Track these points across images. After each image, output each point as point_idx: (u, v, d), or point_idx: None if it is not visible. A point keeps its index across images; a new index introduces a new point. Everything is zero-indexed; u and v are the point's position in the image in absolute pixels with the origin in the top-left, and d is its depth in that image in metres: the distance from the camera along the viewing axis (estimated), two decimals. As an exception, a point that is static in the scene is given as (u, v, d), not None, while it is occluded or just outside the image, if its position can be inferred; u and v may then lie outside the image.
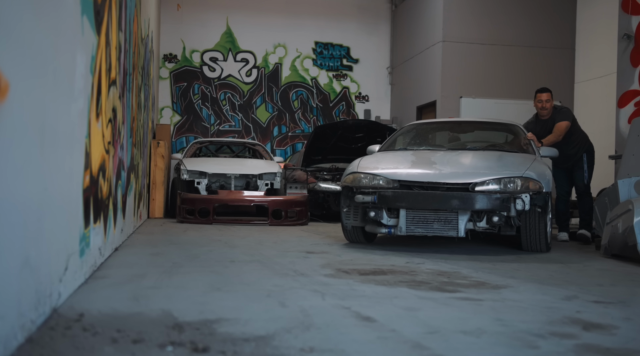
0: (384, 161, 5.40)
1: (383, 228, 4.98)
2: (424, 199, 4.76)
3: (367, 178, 5.05)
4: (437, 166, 5.12)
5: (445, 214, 4.79)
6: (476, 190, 4.77)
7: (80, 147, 2.82)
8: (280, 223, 7.71)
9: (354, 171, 5.22)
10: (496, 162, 5.23)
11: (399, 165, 5.25)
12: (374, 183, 5.00)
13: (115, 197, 4.18)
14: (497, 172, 4.93)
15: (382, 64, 13.33)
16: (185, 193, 8.00)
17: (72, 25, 2.57)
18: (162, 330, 2.08)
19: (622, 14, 7.54)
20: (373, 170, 5.13)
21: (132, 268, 3.56)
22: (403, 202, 4.81)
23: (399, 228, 4.86)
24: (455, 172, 5.00)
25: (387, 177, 4.99)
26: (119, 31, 4.22)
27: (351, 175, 5.19)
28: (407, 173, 5.05)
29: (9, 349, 1.72)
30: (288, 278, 3.34)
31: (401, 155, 5.64)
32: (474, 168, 5.08)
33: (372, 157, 5.64)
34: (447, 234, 4.79)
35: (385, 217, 4.96)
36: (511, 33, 11.01)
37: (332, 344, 1.97)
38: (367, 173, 5.09)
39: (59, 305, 2.40)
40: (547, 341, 2.10)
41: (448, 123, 7.07)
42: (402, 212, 4.86)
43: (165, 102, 12.39)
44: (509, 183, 4.81)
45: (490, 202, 4.71)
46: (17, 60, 1.79)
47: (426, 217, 4.82)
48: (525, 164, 5.11)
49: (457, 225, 4.78)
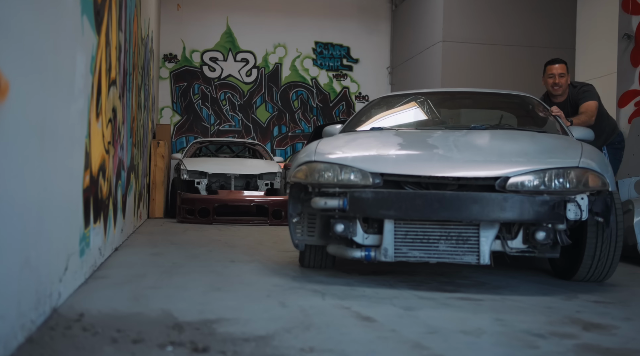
0: (354, 145, 3.60)
1: (356, 250, 3.15)
2: (425, 204, 2.99)
3: (331, 170, 3.21)
4: (439, 151, 3.38)
5: (458, 228, 3.04)
6: (508, 189, 3.02)
7: (80, 147, 2.82)
8: (280, 223, 7.71)
9: (309, 160, 3.34)
10: (531, 144, 3.50)
11: (380, 149, 3.45)
12: (343, 178, 3.18)
13: (115, 197, 4.18)
14: (537, 160, 3.18)
15: (382, 64, 13.33)
16: (185, 193, 8.00)
17: (72, 25, 2.57)
18: (162, 330, 2.08)
19: (622, 14, 7.55)
20: (339, 157, 3.31)
21: (132, 268, 3.56)
22: (391, 208, 3.02)
23: (382, 250, 3.05)
24: (472, 160, 3.25)
25: (363, 168, 3.17)
26: (119, 31, 4.22)
27: (305, 167, 3.32)
28: (394, 162, 3.28)
29: (9, 349, 1.72)
30: (288, 278, 3.34)
31: (380, 136, 3.81)
32: (499, 154, 3.36)
33: (335, 139, 3.79)
34: (461, 260, 3.01)
35: (360, 233, 3.15)
36: (511, 33, 11.01)
37: (332, 344, 1.97)
38: (331, 162, 3.25)
39: (59, 305, 2.40)
40: (547, 341, 2.10)
41: (436, 94, 5.14)
42: (388, 225, 3.05)
43: (165, 102, 12.39)
44: (558, 178, 3.06)
45: (534, 208, 2.97)
46: (17, 60, 1.79)
47: (427, 234, 3.06)
48: (574, 148, 3.35)
49: (477, 245, 3.01)
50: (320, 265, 3.77)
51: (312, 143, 3.72)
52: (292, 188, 3.48)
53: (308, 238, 3.47)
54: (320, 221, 3.40)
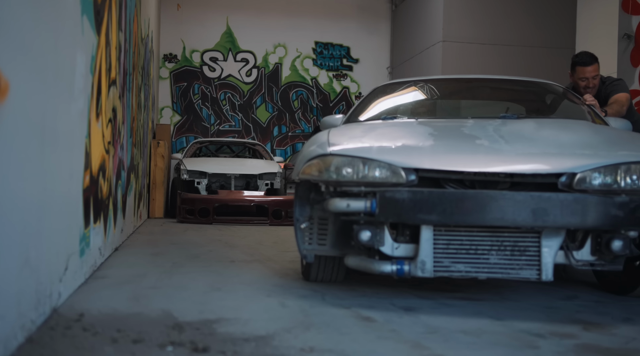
0: (375, 135, 3.11)
1: (385, 264, 2.59)
2: (476, 206, 2.47)
3: (353, 165, 2.65)
4: (483, 142, 2.84)
5: (513, 237, 2.53)
6: (575, 188, 2.52)
7: (80, 147, 2.82)
8: (280, 223, 7.71)
9: (323, 153, 2.76)
10: (591, 134, 3.08)
11: (409, 140, 2.98)
12: (368, 175, 2.61)
13: (115, 197, 4.18)
14: (605, 153, 2.70)
15: (382, 63, 13.33)
16: (185, 193, 8.00)
17: (72, 25, 2.57)
18: (162, 330, 2.08)
19: (622, 14, 7.55)
20: (361, 149, 2.76)
21: (132, 268, 3.56)
22: (432, 212, 2.48)
23: (418, 263, 2.52)
24: (526, 153, 2.73)
25: (393, 162, 2.61)
26: (119, 31, 4.22)
27: (318, 161, 2.74)
28: (431, 155, 2.72)
29: (9, 349, 1.72)
30: (288, 278, 3.34)
31: (403, 126, 3.33)
32: (558, 146, 2.87)
33: (349, 129, 3.28)
34: (518, 276, 2.50)
35: (389, 242, 2.61)
36: (511, 33, 11.01)
37: (332, 344, 1.97)
38: (352, 155, 2.68)
39: (59, 305, 2.40)
40: (547, 341, 2.10)
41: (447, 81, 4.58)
42: (427, 233, 2.53)
43: (165, 102, 12.38)
44: (632, 174, 2.54)
45: (612, 211, 2.48)
46: (17, 60, 1.79)
47: (475, 243, 2.53)
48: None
49: (538, 257, 2.50)
50: (331, 278, 3.20)
51: (321, 134, 3.13)
52: (299, 188, 2.88)
53: (319, 247, 2.87)
54: (333, 227, 2.85)
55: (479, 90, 4.53)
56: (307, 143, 3.13)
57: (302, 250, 2.90)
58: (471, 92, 4.54)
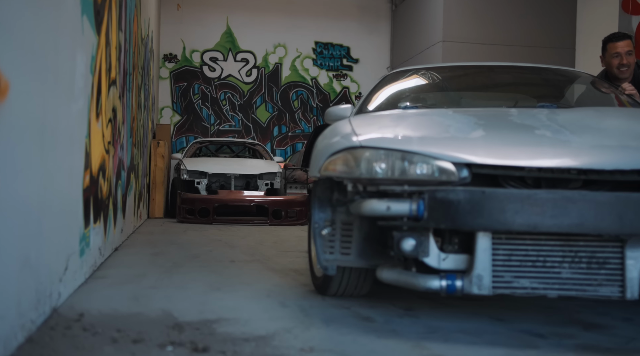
0: (408, 124, 2.62)
1: (432, 278, 2.16)
2: (550, 209, 2.06)
3: (390, 159, 2.24)
4: (545, 133, 2.40)
5: (590, 246, 2.13)
6: None
7: (80, 147, 2.82)
8: (280, 223, 7.71)
9: (351, 145, 2.37)
10: None
11: (453, 131, 2.50)
12: (409, 171, 2.21)
13: (115, 197, 4.18)
14: None
15: (382, 64, 13.32)
16: (185, 193, 8.00)
17: (72, 25, 2.57)
18: (162, 330, 2.08)
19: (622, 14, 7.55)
20: (398, 140, 2.35)
21: (132, 268, 3.56)
22: (495, 215, 2.07)
23: (474, 278, 2.10)
24: (601, 145, 2.31)
25: (442, 156, 2.21)
26: (119, 31, 4.22)
27: (346, 156, 2.35)
28: (487, 148, 2.28)
29: (9, 349, 1.72)
30: (288, 278, 3.34)
31: (439, 115, 2.87)
32: (636, 137, 2.45)
33: (376, 118, 2.90)
34: (596, 293, 2.09)
35: (434, 252, 2.19)
36: (511, 33, 11.01)
37: (332, 344, 1.97)
38: (388, 148, 2.28)
39: (59, 305, 2.40)
40: (547, 341, 2.10)
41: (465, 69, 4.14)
42: (484, 242, 2.12)
43: (165, 102, 12.38)
44: None
45: None
46: (17, 60, 1.79)
47: (543, 254, 2.13)
48: None
49: (621, 271, 2.10)
50: (354, 292, 2.74)
51: (340, 124, 2.72)
52: (318, 187, 2.50)
53: (342, 257, 2.45)
54: (359, 232, 2.44)
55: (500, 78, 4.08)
56: (324, 136, 2.70)
57: (322, 261, 2.44)
58: (492, 80, 4.09)
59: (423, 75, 3.93)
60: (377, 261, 2.44)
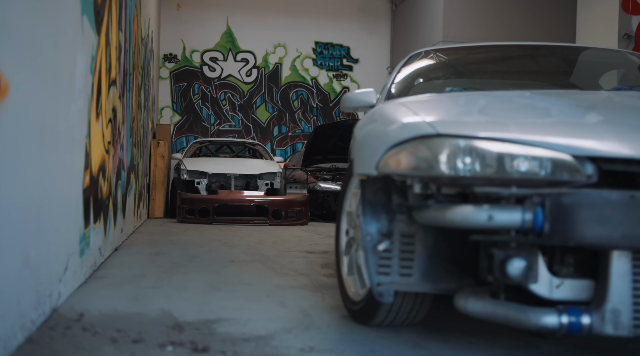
0: (488, 107, 2.07)
1: (545, 313, 1.61)
2: None
3: (486, 152, 1.66)
4: None
5: None
6: None
7: (80, 147, 2.82)
8: (280, 223, 7.71)
9: (424, 133, 1.78)
10: None
11: (556, 116, 1.94)
12: (515, 168, 1.63)
13: (115, 197, 4.19)
14: None
15: (382, 63, 13.33)
16: (185, 193, 8.00)
17: (72, 25, 2.57)
18: (162, 330, 2.08)
19: (622, 14, 7.55)
20: (492, 125, 1.77)
21: (132, 268, 3.56)
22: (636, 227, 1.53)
23: (607, 313, 1.59)
24: None
25: (559, 147, 1.65)
26: (119, 31, 4.22)
27: (417, 146, 1.77)
28: (617, 136, 1.68)
29: (9, 349, 1.72)
30: (288, 278, 3.34)
31: (520, 97, 2.24)
32: None
33: (439, 100, 2.24)
34: None
35: (545, 277, 1.67)
36: (511, 33, 11.01)
37: (332, 344, 1.97)
38: (480, 137, 1.69)
39: (59, 305, 2.40)
40: (547, 341, 2.10)
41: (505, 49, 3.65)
42: (620, 264, 1.60)
43: (165, 102, 12.39)
44: None
45: None
46: (17, 60, 1.79)
47: None
48: None
49: None
50: (406, 320, 2.17)
51: (391, 106, 2.14)
52: (368, 189, 1.97)
53: (401, 279, 1.90)
54: (423, 247, 1.89)
55: (544, 59, 3.56)
56: (373, 121, 2.13)
57: (375, 286, 1.90)
58: (535, 63, 3.58)
59: (459, 55, 3.46)
60: (447, 285, 1.90)
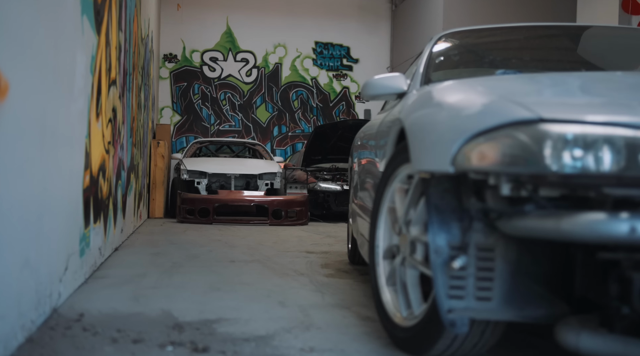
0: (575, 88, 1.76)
1: None
2: None
3: (613, 142, 1.31)
4: None
5: None
6: None
7: (80, 147, 2.82)
8: (280, 223, 7.71)
9: (521, 117, 1.43)
10: None
11: None
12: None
13: (115, 197, 4.18)
14: None
15: (382, 63, 13.32)
16: (185, 193, 8.00)
17: (72, 25, 2.57)
18: (162, 330, 2.08)
19: (622, 14, 7.55)
20: (609, 109, 1.44)
21: (132, 268, 3.56)
22: None
23: None
24: None
25: None
26: (119, 31, 4.22)
27: (513, 134, 1.41)
28: None
29: (9, 349, 1.72)
30: (288, 278, 3.34)
31: (614, 77, 2.00)
32: None
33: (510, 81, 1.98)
34: None
35: None
36: (511, 33, 11.03)
37: (332, 344, 1.97)
38: (598, 123, 1.36)
39: (59, 305, 2.40)
40: (547, 341, 2.10)
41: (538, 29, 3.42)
42: None
43: (165, 102, 12.38)
44: None
45: None
46: (18, 60, 1.79)
47: None
48: None
49: None
50: (469, 353, 1.76)
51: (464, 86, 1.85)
52: (433, 189, 1.61)
53: (479, 304, 1.54)
54: (505, 264, 1.53)
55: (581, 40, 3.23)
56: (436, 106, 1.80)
57: (444, 311, 1.54)
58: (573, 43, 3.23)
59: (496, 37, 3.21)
60: (536, 311, 1.53)
